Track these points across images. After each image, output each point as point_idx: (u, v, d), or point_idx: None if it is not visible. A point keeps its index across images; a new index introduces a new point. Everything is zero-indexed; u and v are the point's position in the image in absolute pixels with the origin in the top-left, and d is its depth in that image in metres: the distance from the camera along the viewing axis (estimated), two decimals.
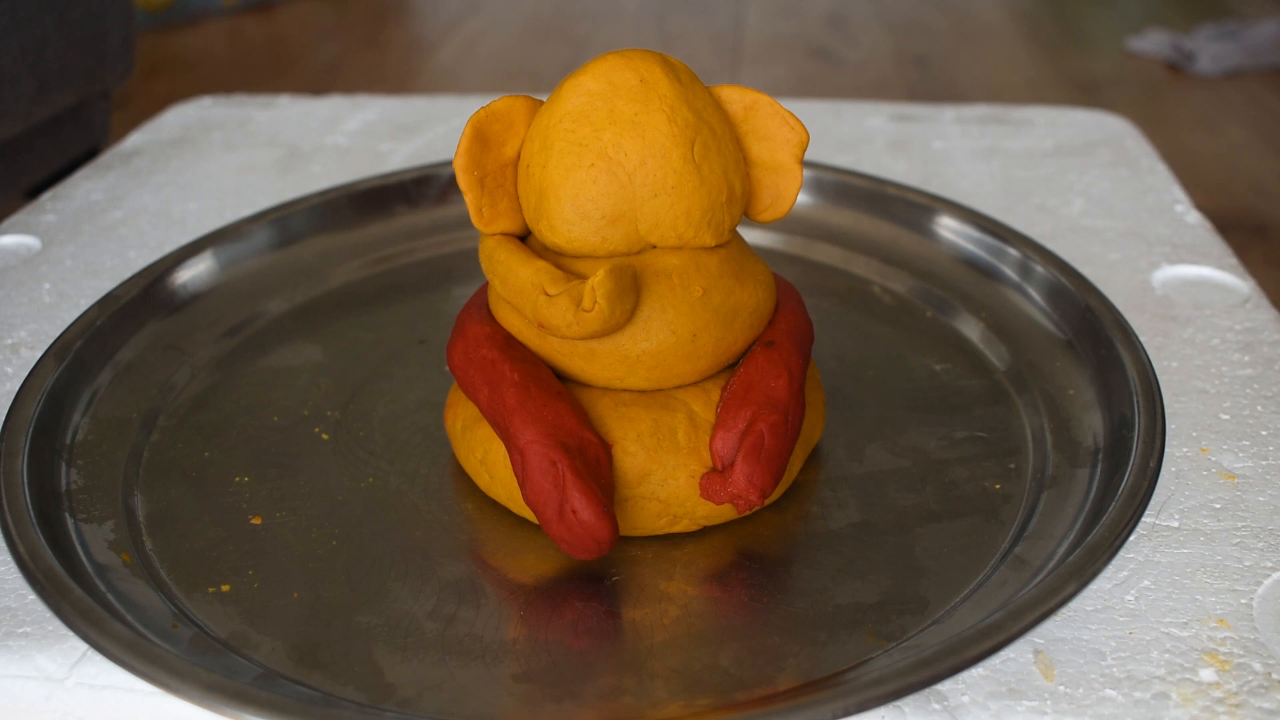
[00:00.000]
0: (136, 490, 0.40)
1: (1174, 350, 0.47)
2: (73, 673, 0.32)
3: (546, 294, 0.35)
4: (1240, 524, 0.37)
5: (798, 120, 0.38)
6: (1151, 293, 0.51)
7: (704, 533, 0.38)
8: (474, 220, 0.37)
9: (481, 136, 0.36)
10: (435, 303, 0.52)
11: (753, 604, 0.35)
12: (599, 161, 0.35)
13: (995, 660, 0.32)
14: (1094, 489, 0.38)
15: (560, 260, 0.37)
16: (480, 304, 0.40)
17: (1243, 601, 0.34)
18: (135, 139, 0.71)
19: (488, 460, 0.38)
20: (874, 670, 0.31)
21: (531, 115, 0.37)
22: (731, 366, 0.39)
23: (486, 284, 0.41)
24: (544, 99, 0.37)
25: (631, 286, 0.35)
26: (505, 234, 0.38)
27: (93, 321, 0.46)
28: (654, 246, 0.37)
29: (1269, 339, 0.47)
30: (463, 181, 0.36)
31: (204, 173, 0.65)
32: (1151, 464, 0.37)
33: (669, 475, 0.36)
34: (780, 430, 0.36)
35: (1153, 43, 2.17)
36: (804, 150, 0.38)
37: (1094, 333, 0.45)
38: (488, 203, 0.37)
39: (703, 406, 0.37)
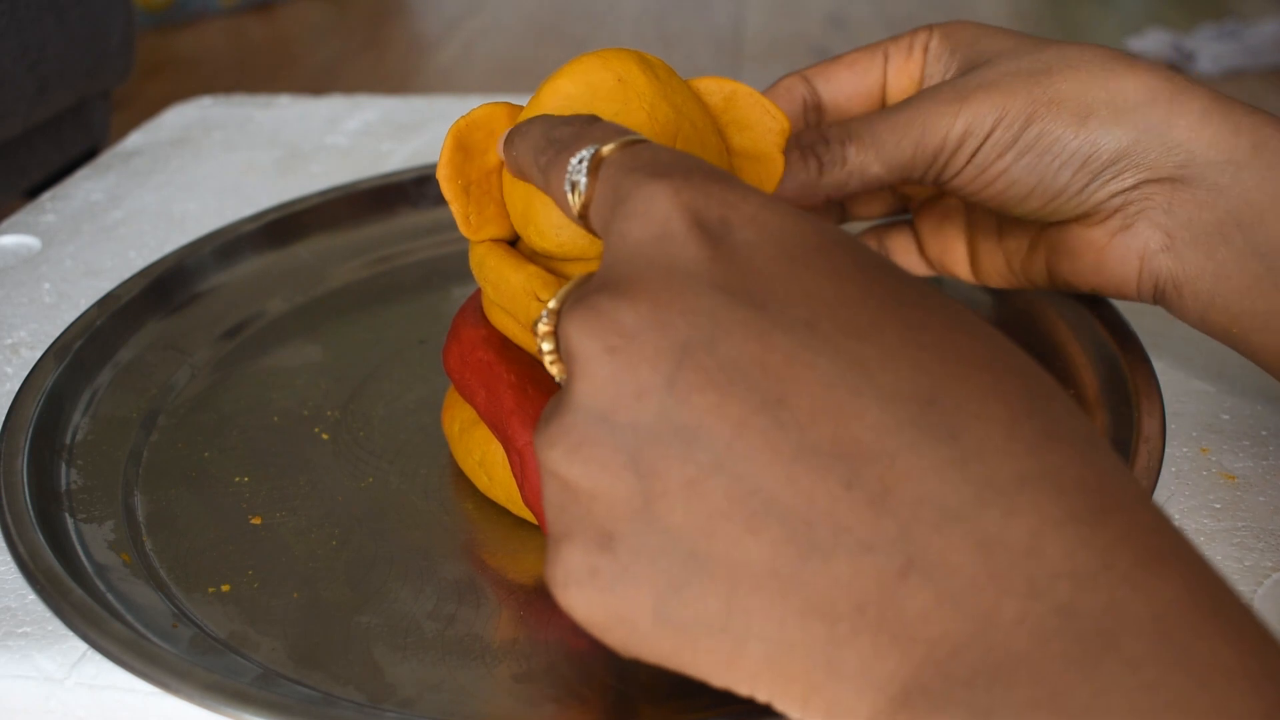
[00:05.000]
0: (136, 490, 0.40)
1: (1174, 350, 0.47)
2: (73, 673, 0.32)
3: (539, 299, 0.35)
4: (1240, 524, 0.37)
5: (779, 109, 0.37)
6: None
7: None
8: (461, 229, 0.37)
9: (463, 145, 0.36)
10: (435, 303, 0.52)
11: None
12: None
13: None
14: None
15: (551, 264, 0.37)
16: (474, 308, 0.40)
17: None
18: (135, 139, 0.71)
19: (486, 462, 0.38)
20: None
21: (512, 121, 0.37)
22: None
23: (480, 288, 0.40)
24: (524, 104, 0.37)
25: None
26: (494, 240, 0.38)
27: (93, 321, 0.46)
28: None
29: None
30: (447, 191, 0.36)
31: (204, 173, 0.65)
32: (1151, 464, 0.37)
33: None
34: None
35: (1153, 43, 2.17)
36: (786, 139, 0.37)
37: (1094, 332, 0.45)
38: (474, 210, 0.37)
39: None
